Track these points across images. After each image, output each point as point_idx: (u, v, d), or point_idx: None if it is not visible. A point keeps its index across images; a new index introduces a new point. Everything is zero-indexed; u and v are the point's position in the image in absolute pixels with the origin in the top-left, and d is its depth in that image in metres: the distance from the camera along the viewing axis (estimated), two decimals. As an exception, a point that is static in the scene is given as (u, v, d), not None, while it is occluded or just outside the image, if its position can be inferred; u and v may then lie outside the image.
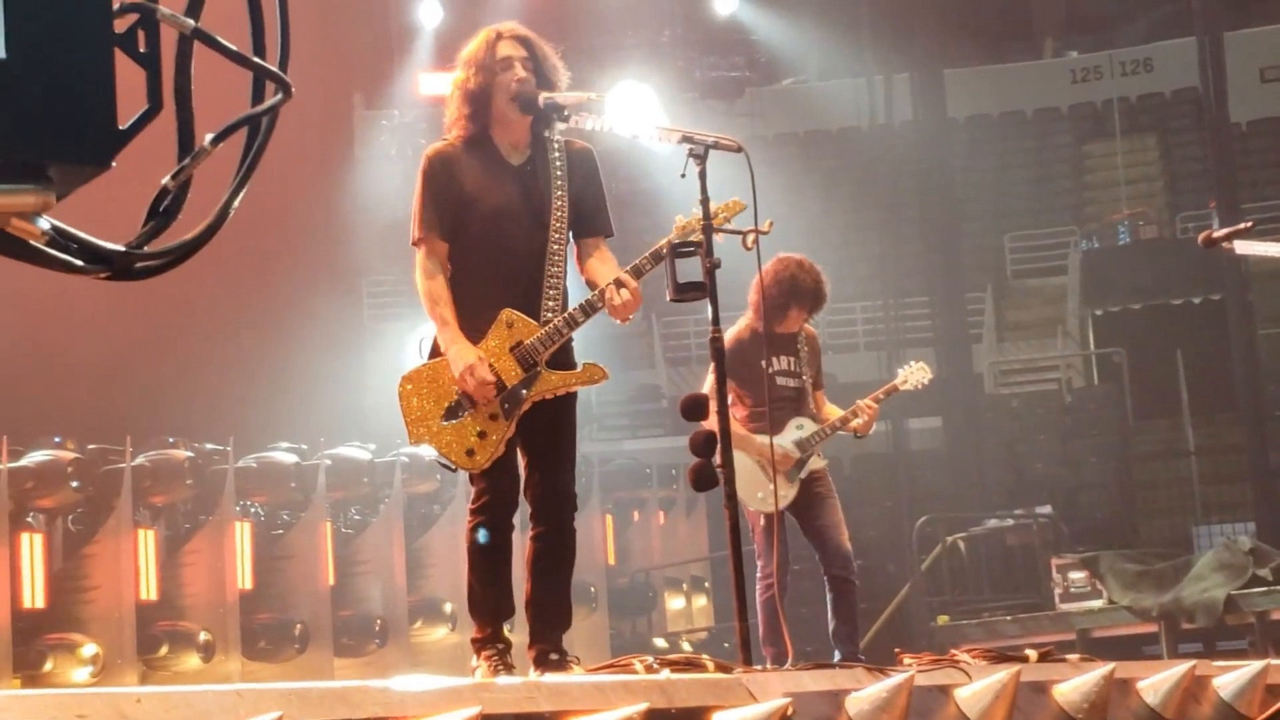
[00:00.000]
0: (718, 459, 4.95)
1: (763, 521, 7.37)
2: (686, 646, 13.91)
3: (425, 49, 16.19)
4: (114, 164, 1.67)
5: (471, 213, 5.32)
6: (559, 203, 5.33)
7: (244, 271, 12.48)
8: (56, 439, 10.40)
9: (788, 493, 7.38)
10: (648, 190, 18.12)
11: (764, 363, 7.15)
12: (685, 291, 5.03)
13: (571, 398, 5.37)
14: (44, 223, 1.63)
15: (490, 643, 5.28)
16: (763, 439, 7.18)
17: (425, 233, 5.33)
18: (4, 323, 11.24)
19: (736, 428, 7.11)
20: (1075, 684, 5.10)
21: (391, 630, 11.73)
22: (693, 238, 5.12)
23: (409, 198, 5.50)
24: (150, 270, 1.66)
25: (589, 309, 5.28)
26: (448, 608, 12.05)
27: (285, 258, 14.26)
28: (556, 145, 5.43)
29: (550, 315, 5.25)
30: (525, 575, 5.36)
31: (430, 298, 5.30)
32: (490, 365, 5.21)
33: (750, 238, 5.21)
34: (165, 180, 1.70)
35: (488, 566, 5.33)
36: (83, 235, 1.64)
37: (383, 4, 16.51)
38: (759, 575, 7.35)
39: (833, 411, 7.63)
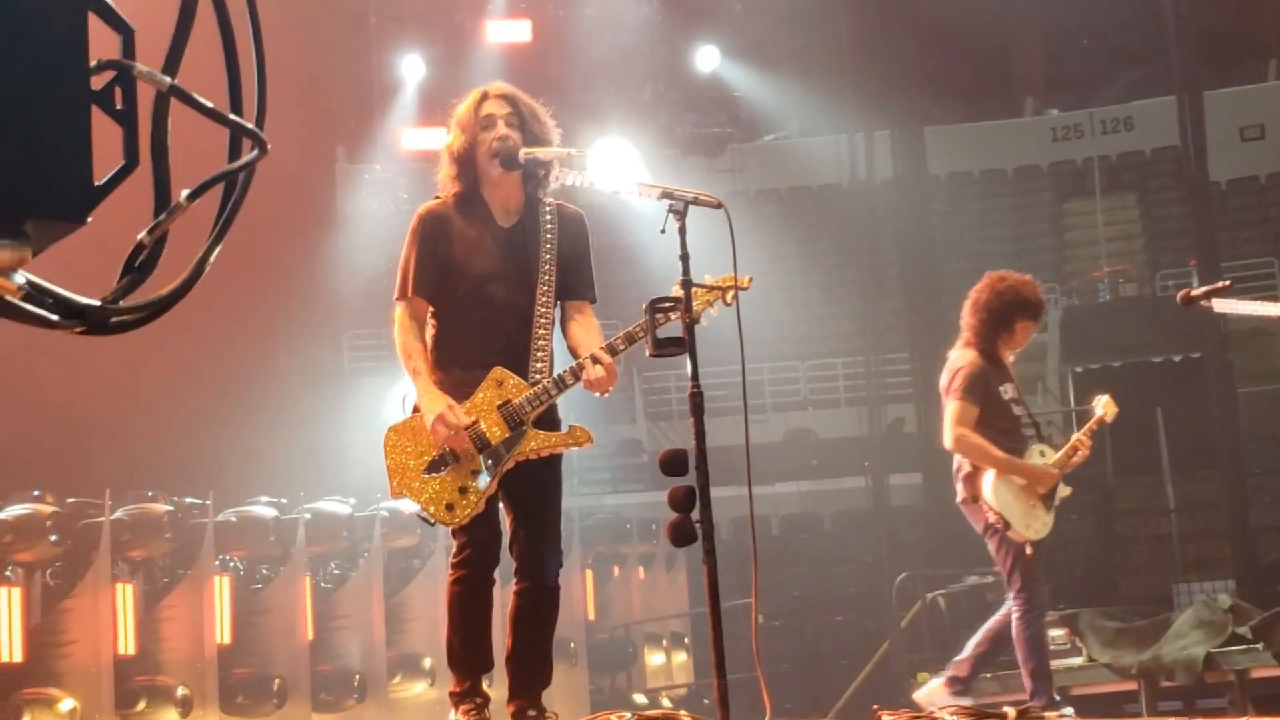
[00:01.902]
0: (696, 514, 4.95)
1: (1029, 550, 7.25)
2: (666, 702, 13.85)
3: (408, 104, 16.26)
4: (90, 219, 1.68)
5: (460, 273, 5.37)
6: (547, 266, 5.39)
7: (223, 324, 12.48)
8: (35, 492, 10.36)
9: (1048, 519, 7.30)
10: (628, 246, 18.18)
11: (1002, 388, 7.17)
12: (664, 347, 5.05)
13: (557, 457, 5.39)
14: (19, 277, 1.63)
15: (468, 697, 5.28)
16: (1034, 462, 7.18)
17: (413, 292, 5.36)
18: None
19: (1002, 454, 7.15)
20: (1054, 742, 5.10)
21: (370, 685, 11.67)
22: (672, 293, 5.16)
23: (391, 251, 5.55)
24: (126, 325, 1.67)
25: (578, 374, 5.32)
26: (426, 663, 11.99)
27: (265, 311, 14.25)
28: (548, 208, 5.50)
29: (538, 376, 5.31)
30: (507, 630, 5.36)
31: (405, 351, 5.34)
32: (473, 418, 5.24)
33: (729, 295, 5.24)
34: (141, 235, 1.71)
35: (467, 621, 5.33)
36: (58, 290, 1.65)
37: (366, 59, 16.58)
38: (1023, 607, 7.24)
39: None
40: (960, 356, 7.34)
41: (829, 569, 16.93)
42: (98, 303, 1.67)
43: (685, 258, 5.10)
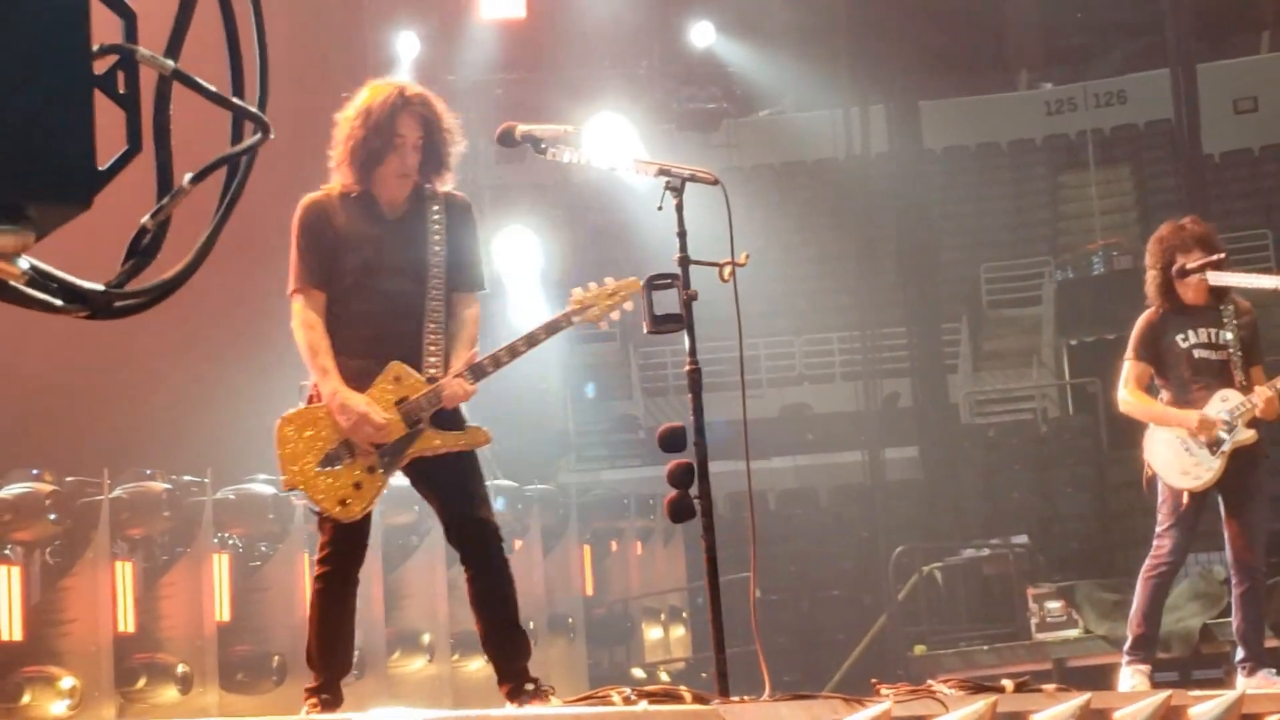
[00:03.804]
0: (695, 490, 4.97)
1: (1186, 500, 7.22)
2: (664, 677, 13.90)
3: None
4: (93, 204, 1.69)
5: (345, 263, 5.29)
6: (437, 258, 5.32)
7: (220, 302, 12.48)
8: (34, 471, 10.36)
9: (1213, 466, 7.22)
10: (623, 223, 18.17)
11: (1180, 337, 7.19)
12: (662, 323, 5.06)
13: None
14: (23, 262, 1.64)
15: (317, 692, 5.26)
16: (1187, 413, 7.19)
17: (301, 284, 5.31)
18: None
19: (1156, 406, 7.20)
20: (1051, 714, 5.12)
21: (369, 661, 11.69)
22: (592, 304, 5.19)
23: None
24: (130, 309, 1.68)
25: (479, 373, 5.28)
26: (425, 639, 12.03)
27: (262, 290, 14.21)
28: (438, 199, 5.42)
29: (434, 371, 5.24)
30: (474, 617, 5.38)
31: (310, 348, 5.28)
32: (381, 412, 5.20)
33: (727, 270, 5.24)
34: (144, 219, 1.72)
35: (325, 623, 5.32)
36: (62, 274, 1.66)
37: (360, 36, 16.54)
38: (1153, 552, 7.26)
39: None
40: (1140, 318, 7.43)
41: (825, 543, 16.97)
42: (101, 287, 1.68)
43: (683, 234, 5.11)
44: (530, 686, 5.24)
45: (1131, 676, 7.29)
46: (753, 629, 5.33)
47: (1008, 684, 5.55)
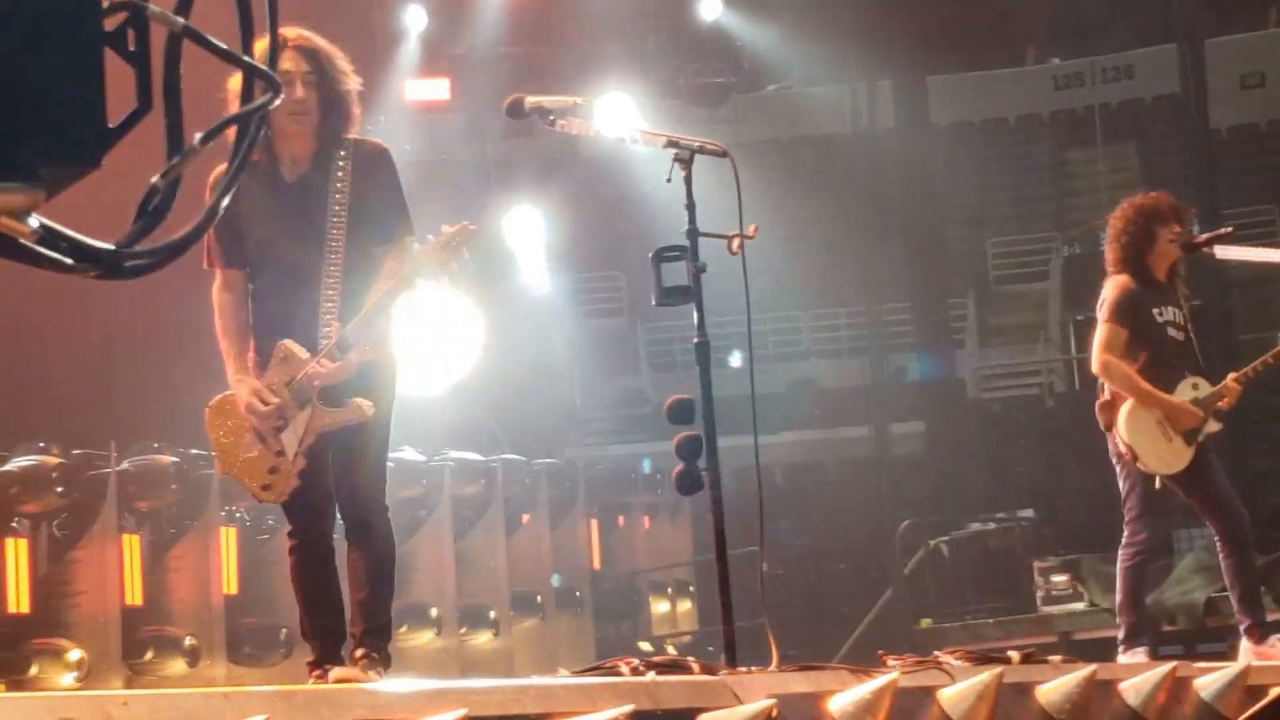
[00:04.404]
0: (703, 462, 4.98)
1: (1156, 484, 7.17)
2: (671, 650, 13.93)
3: (410, 55, 16.21)
4: (103, 163, 1.69)
5: (249, 237, 5.17)
6: (337, 217, 5.16)
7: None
8: (41, 444, 10.38)
9: (1186, 455, 7.18)
10: (630, 197, 18.15)
11: (1155, 311, 7.08)
12: (670, 296, 5.06)
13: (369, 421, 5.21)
14: (33, 221, 1.64)
15: (318, 665, 5.27)
16: (1177, 397, 7.09)
17: (211, 263, 5.23)
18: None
19: (1144, 383, 7.07)
20: (1057, 685, 5.14)
21: (376, 635, 11.72)
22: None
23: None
24: (140, 269, 1.68)
25: (344, 346, 5.10)
26: (433, 612, 12.07)
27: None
28: (343, 151, 5.24)
29: (326, 342, 5.12)
30: (349, 587, 5.37)
31: (218, 330, 5.25)
32: (269, 401, 5.13)
33: (735, 242, 5.23)
34: (154, 179, 1.72)
35: (308, 593, 5.34)
36: (72, 234, 1.65)
37: (366, 9, 16.53)
38: (1129, 538, 7.23)
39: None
40: (1109, 282, 7.26)
41: (832, 517, 17.00)
42: (111, 247, 1.68)
43: (691, 206, 5.10)
44: (375, 658, 5.19)
45: (1131, 658, 7.27)
46: (760, 602, 5.34)
47: (1014, 655, 5.57)
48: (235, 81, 4.98)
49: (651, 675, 4.27)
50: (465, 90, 16.37)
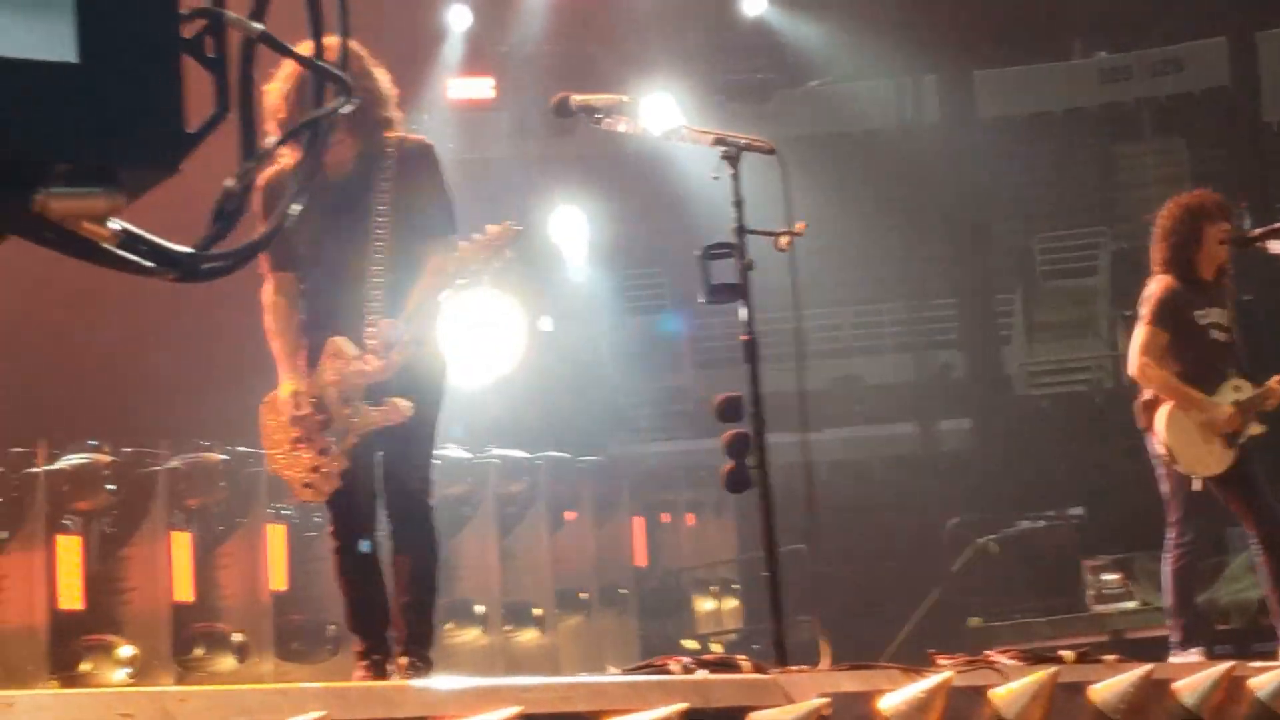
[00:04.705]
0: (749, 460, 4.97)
1: (1195, 486, 7.10)
2: (715, 648, 13.91)
3: (454, 53, 16.24)
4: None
5: (296, 239, 5.18)
6: (382, 216, 5.16)
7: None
8: (92, 442, 10.46)
9: (1227, 458, 7.10)
10: (674, 194, 18.13)
11: (1197, 313, 7.00)
12: (718, 294, 5.05)
13: (418, 418, 5.21)
14: (114, 224, 1.65)
15: (366, 655, 5.28)
16: (1220, 399, 7.02)
17: (264, 267, 5.26)
18: (39, 328, 11.31)
19: (1182, 385, 7.01)
20: (1112, 684, 5.10)
21: (423, 632, 11.76)
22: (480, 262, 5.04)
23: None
24: (215, 271, 1.70)
25: (392, 342, 5.11)
26: (479, 609, 12.10)
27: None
28: (388, 149, 5.25)
29: (372, 342, 5.14)
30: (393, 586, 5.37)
31: (269, 332, 5.30)
32: (316, 397, 5.15)
33: (784, 239, 5.22)
34: (229, 182, 1.73)
35: (349, 587, 5.36)
36: (151, 237, 1.67)
37: (410, 8, 16.57)
38: (1173, 541, 7.16)
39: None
40: (1153, 282, 7.20)
41: (877, 515, 16.92)
42: (189, 250, 1.69)
43: (739, 203, 5.09)
44: (419, 665, 5.20)
45: (1185, 659, 7.19)
46: (809, 600, 5.33)
47: (1068, 655, 5.53)
48: (274, 85, 4.99)
49: (702, 673, 4.27)
50: (508, 88, 16.39)
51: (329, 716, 2.91)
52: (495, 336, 14.48)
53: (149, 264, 1.65)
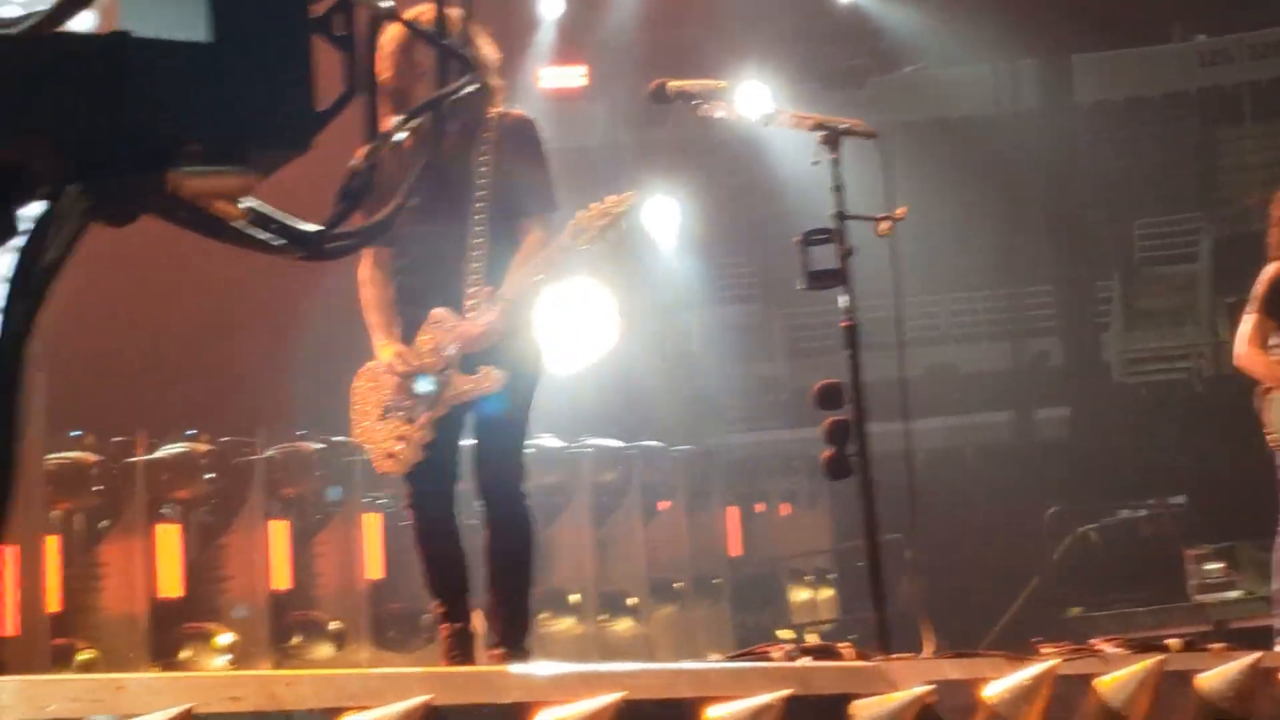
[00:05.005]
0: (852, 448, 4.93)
1: None
2: (811, 639, 13.87)
3: (546, 42, 16.26)
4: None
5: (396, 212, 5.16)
6: (482, 190, 5.15)
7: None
8: (190, 431, 10.57)
9: None
10: (764, 181, 18.06)
11: None
12: (819, 280, 5.00)
13: (513, 394, 5.19)
14: (245, 203, 1.66)
15: (446, 620, 5.32)
16: None
17: None
18: (138, 319, 11.46)
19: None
20: (1219, 673, 5.01)
21: (519, 620, 11.79)
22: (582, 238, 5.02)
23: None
24: (341, 250, 1.70)
25: (497, 306, 5.10)
26: (573, 598, 12.13)
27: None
28: (489, 124, 5.21)
29: (473, 314, 5.12)
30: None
31: (366, 304, 5.29)
32: (414, 364, 5.15)
33: (885, 224, 5.17)
34: (353, 162, 1.73)
35: (426, 556, 5.39)
36: (281, 216, 1.68)
37: (503, -1, 16.63)
38: None
39: None
40: (1266, 270, 7.14)
41: (974, 504, 16.78)
42: (318, 229, 1.70)
43: (840, 188, 5.04)
44: (516, 654, 5.17)
45: None
46: (906, 590, 5.28)
47: (1173, 643, 5.43)
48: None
49: (804, 661, 4.23)
50: (601, 77, 16.39)
51: (433, 701, 2.90)
52: (587, 325, 14.49)
53: (279, 242, 1.66)
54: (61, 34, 1.59)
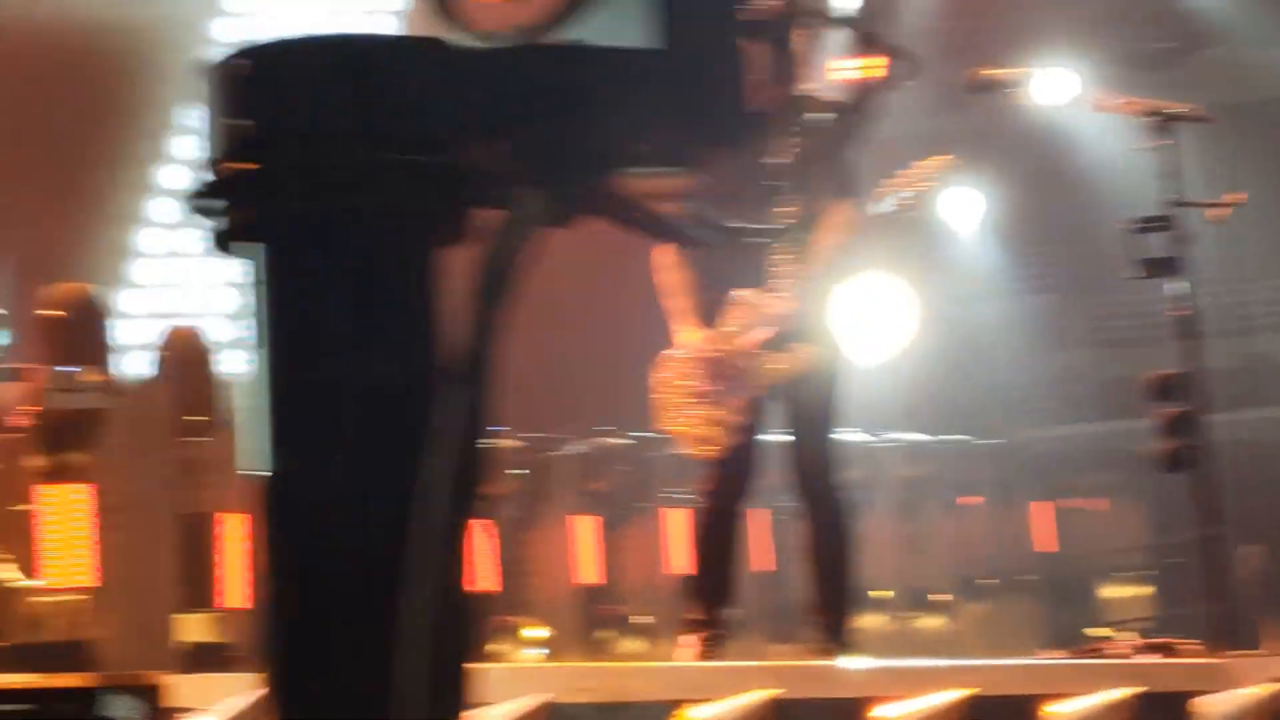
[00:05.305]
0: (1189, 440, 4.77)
1: None
2: (1126, 636, 13.51)
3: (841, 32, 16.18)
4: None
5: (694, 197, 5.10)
6: (785, 174, 5.08)
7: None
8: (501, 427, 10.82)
9: None
10: (1063, 169, 17.66)
11: None
12: (1156, 268, 4.86)
13: (824, 381, 5.12)
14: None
15: (702, 626, 5.18)
16: None
17: None
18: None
19: None
20: None
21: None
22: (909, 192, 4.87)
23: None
24: (756, 244, 1.74)
25: (802, 283, 5.04)
26: (880, 595, 12.05)
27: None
28: (793, 105, 5.16)
29: (780, 294, 5.08)
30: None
31: (666, 289, 5.31)
32: (722, 349, 5.10)
33: (1217, 210, 5.00)
34: (775, 159, 1.78)
35: (707, 552, 5.27)
36: (709, 213, 1.73)
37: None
38: None
39: None
40: None
41: (1256, 497, 16.10)
42: (740, 225, 1.77)
43: (1173, 175, 4.88)
44: (836, 649, 5.05)
45: None
46: (1234, 586, 5.09)
47: None
48: None
49: (1147, 657, 4.12)
50: (899, 65, 16.23)
51: (780, 695, 2.90)
52: (887, 318, 14.37)
53: (710, 239, 1.72)
54: (522, 45, 1.66)
